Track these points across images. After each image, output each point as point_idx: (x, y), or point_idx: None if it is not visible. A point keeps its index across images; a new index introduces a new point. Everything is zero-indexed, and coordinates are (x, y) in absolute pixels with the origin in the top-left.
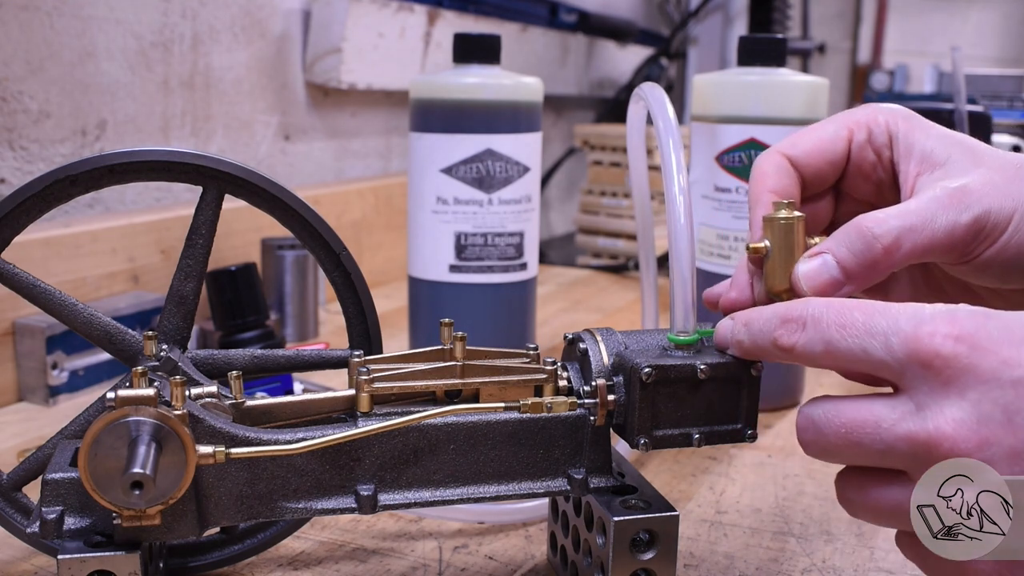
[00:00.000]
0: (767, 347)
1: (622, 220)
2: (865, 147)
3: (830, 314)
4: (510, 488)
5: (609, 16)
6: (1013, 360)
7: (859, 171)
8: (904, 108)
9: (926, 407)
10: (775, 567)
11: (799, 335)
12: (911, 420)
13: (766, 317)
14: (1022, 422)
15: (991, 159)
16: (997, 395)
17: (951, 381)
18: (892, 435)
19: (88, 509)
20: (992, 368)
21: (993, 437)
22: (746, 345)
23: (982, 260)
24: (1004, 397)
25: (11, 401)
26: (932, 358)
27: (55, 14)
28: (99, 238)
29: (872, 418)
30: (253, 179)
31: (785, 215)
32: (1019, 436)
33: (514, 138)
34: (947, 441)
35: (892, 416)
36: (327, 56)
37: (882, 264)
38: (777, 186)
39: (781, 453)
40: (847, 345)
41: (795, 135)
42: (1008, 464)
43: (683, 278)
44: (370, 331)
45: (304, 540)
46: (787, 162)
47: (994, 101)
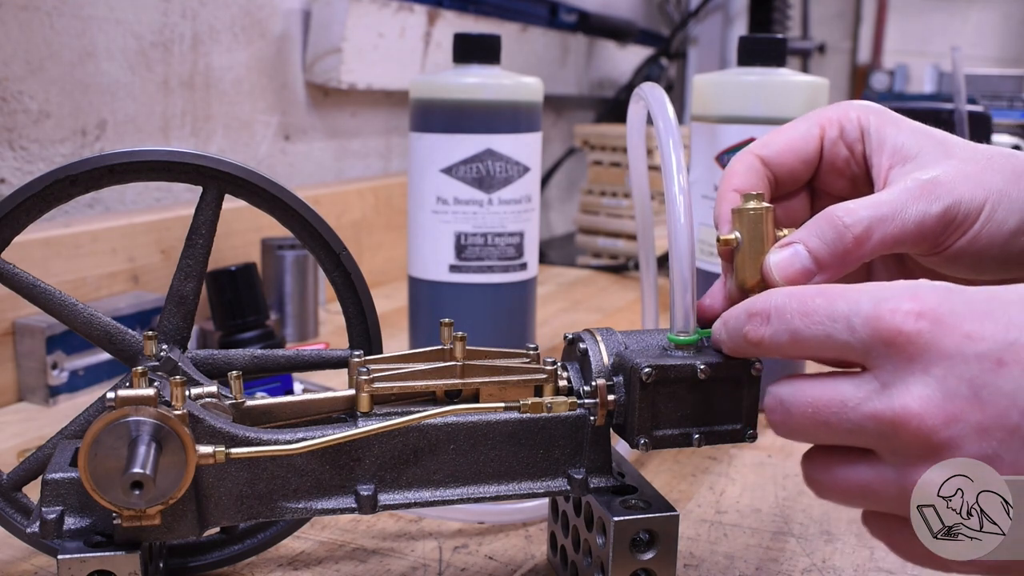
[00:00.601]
0: (742, 343)
1: (622, 220)
2: (837, 143)
3: (792, 303)
4: (510, 488)
5: (609, 16)
6: (976, 334)
7: (832, 167)
8: (875, 104)
9: (891, 385)
10: (775, 567)
11: (765, 328)
12: (877, 399)
13: (736, 314)
14: (988, 396)
15: (962, 151)
16: (962, 370)
17: (915, 358)
18: (858, 414)
19: (88, 509)
20: (956, 343)
21: (960, 413)
22: (727, 344)
23: (954, 251)
24: (969, 372)
25: (11, 401)
26: (895, 336)
27: (55, 14)
28: (99, 238)
29: (838, 398)
30: (253, 179)
31: (754, 206)
32: (986, 411)
33: (514, 138)
34: (914, 419)
35: (858, 395)
36: (327, 56)
37: (853, 254)
38: (745, 184)
39: (781, 453)
40: (811, 332)
41: (768, 135)
42: (977, 439)
43: (683, 278)
44: (370, 331)
45: (304, 540)
46: (758, 162)
47: (994, 101)
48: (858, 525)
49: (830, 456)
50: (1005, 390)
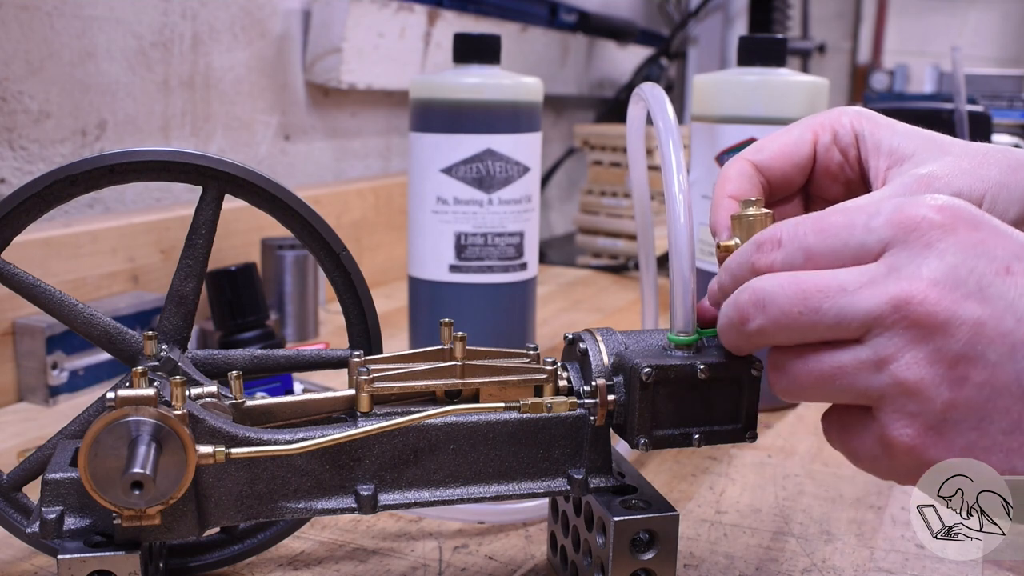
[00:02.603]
0: (746, 277)
1: (622, 220)
2: (831, 148)
3: (807, 223)
4: (510, 488)
5: (609, 16)
6: (990, 240)
7: (827, 172)
8: (866, 109)
9: (901, 267)
10: (775, 567)
11: (776, 253)
12: (882, 282)
13: (741, 250)
14: (991, 296)
15: (958, 148)
16: (973, 265)
17: (933, 243)
18: (856, 297)
19: (88, 509)
20: (972, 241)
21: (963, 302)
22: (727, 283)
23: None
24: (979, 269)
25: (11, 401)
26: (919, 221)
27: (55, 14)
28: (99, 238)
29: (835, 282)
30: (253, 179)
31: (753, 212)
32: (985, 309)
33: (514, 138)
34: (919, 294)
35: (860, 280)
36: (327, 56)
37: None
38: (737, 190)
39: (781, 453)
40: (827, 245)
41: (761, 140)
42: (969, 333)
43: (683, 278)
44: (370, 331)
45: (304, 540)
46: (751, 167)
47: (994, 101)
48: (858, 525)
49: (806, 345)
50: (1007, 296)
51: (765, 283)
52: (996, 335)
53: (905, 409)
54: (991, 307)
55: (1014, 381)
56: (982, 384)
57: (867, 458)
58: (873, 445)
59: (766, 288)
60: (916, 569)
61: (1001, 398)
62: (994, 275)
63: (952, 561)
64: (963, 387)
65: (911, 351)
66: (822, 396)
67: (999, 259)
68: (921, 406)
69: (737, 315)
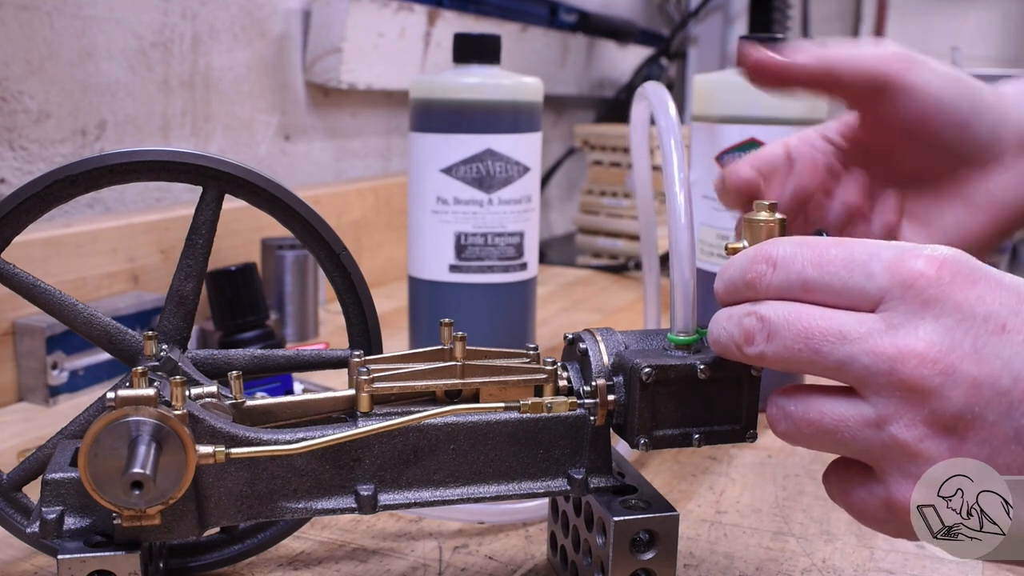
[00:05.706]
0: (740, 288)
1: (622, 220)
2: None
3: (806, 252)
4: (510, 488)
5: (609, 16)
6: (987, 296)
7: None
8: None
9: (899, 326)
10: (775, 567)
11: (771, 274)
12: (880, 336)
13: (736, 261)
14: (986, 356)
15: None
16: (969, 325)
17: (930, 303)
18: (856, 348)
19: (88, 509)
20: (969, 299)
21: (958, 364)
22: (720, 291)
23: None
24: (975, 329)
25: (11, 401)
26: (916, 277)
27: (55, 14)
28: (99, 238)
29: (836, 327)
30: (253, 179)
31: (765, 217)
32: (982, 369)
33: (514, 138)
34: (914, 358)
35: (859, 330)
36: (327, 56)
37: None
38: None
39: (781, 453)
40: (825, 281)
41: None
42: (966, 394)
43: (683, 278)
44: (370, 331)
45: (304, 540)
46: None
47: None
48: (858, 525)
49: (809, 388)
50: (1003, 354)
51: (771, 313)
52: (993, 395)
53: (909, 471)
54: (987, 367)
55: (1013, 439)
56: (981, 442)
57: (873, 519)
58: (878, 507)
59: (771, 319)
60: (916, 569)
61: (1001, 455)
62: (990, 334)
63: (952, 561)
64: (963, 446)
65: (908, 412)
66: (823, 447)
67: (995, 316)
68: (923, 468)
69: (741, 335)
